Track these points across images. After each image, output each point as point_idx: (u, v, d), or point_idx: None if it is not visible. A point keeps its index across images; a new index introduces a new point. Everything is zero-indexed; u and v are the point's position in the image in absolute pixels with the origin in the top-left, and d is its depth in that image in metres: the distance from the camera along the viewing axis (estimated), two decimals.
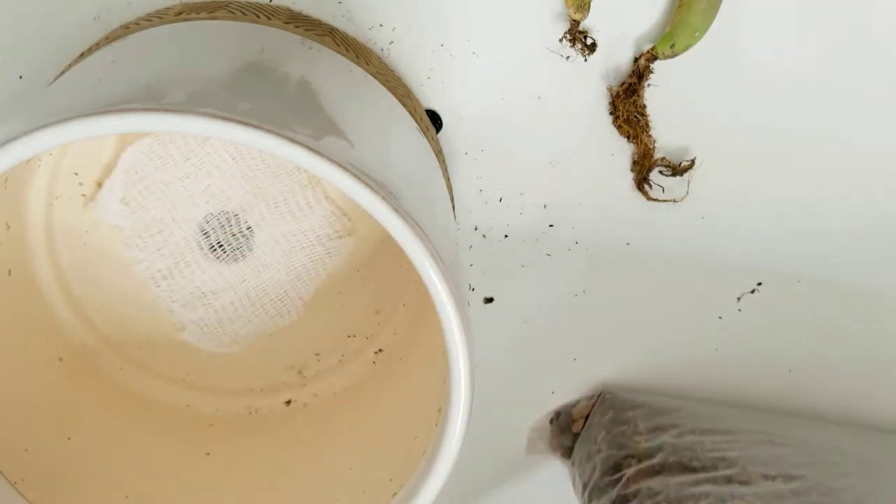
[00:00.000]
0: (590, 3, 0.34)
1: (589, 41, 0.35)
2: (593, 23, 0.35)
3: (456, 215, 0.38)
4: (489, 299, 0.40)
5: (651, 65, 0.36)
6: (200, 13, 0.32)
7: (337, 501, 0.32)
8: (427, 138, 0.34)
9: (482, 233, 0.39)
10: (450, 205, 0.36)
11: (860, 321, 0.40)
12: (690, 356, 0.41)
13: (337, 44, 0.33)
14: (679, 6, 0.35)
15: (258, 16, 0.32)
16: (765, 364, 0.41)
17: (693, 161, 0.37)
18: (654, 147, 0.37)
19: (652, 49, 0.35)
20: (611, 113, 0.37)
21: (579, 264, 0.39)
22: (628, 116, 0.36)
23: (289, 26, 0.33)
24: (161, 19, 0.32)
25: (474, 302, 0.40)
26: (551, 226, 0.39)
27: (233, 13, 0.32)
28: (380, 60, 0.36)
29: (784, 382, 0.41)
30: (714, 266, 0.39)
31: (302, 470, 0.35)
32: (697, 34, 0.35)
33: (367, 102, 0.32)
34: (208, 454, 0.36)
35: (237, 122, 0.23)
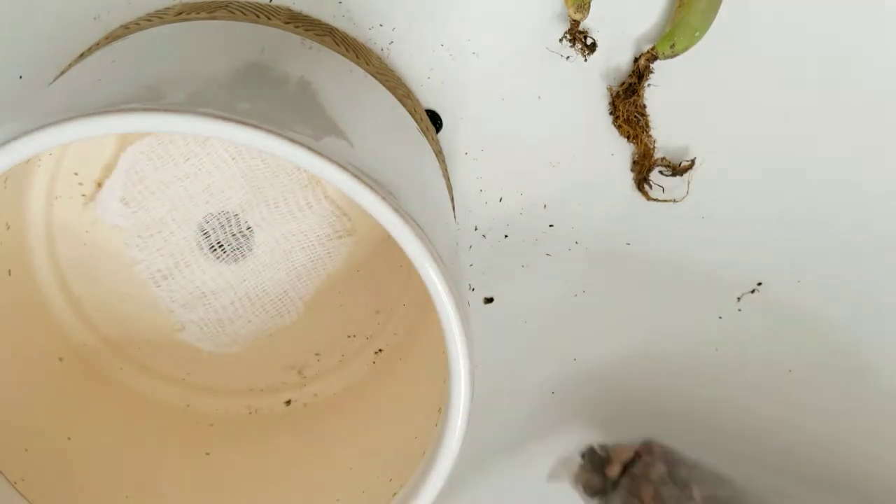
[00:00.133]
0: (590, 3, 0.34)
1: (589, 41, 0.35)
2: (593, 23, 0.35)
3: (456, 215, 0.38)
4: (489, 299, 0.40)
5: (651, 65, 0.36)
6: (200, 13, 0.32)
7: (337, 501, 0.32)
8: (427, 138, 0.34)
9: (482, 233, 0.39)
10: (450, 205, 0.36)
11: (860, 321, 0.40)
12: (690, 356, 0.41)
13: (337, 44, 0.33)
14: (679, 6, 0.35)
15: (258, 16, 0.32)
16: (765, 364, 0.41)
17: (693, 161, 0.37)
18: (654, 147, 0.37)
19: (652, 49, 0.35)
20: (611, 113, 0.37)
21: (579, 264, 0.39)
22: (628, 116, 0.36)
23: (289, 26, 0.33)
24: (161, 19, 0.32)
25: (474, 302, 0.40)
26: (551, 226, 0.39)
27: (233, 13, 0.32)
28: (380, 60, 0.36)
29: (784, 382, 0.41)
30: (714, 266, 0.39)
31: (302, 470, 0.35)
32: (697, 34, 0.35)
33: (367, 102, 0.32)
34: (208, 454, 0.36)
35: (237, 122, 0.23)
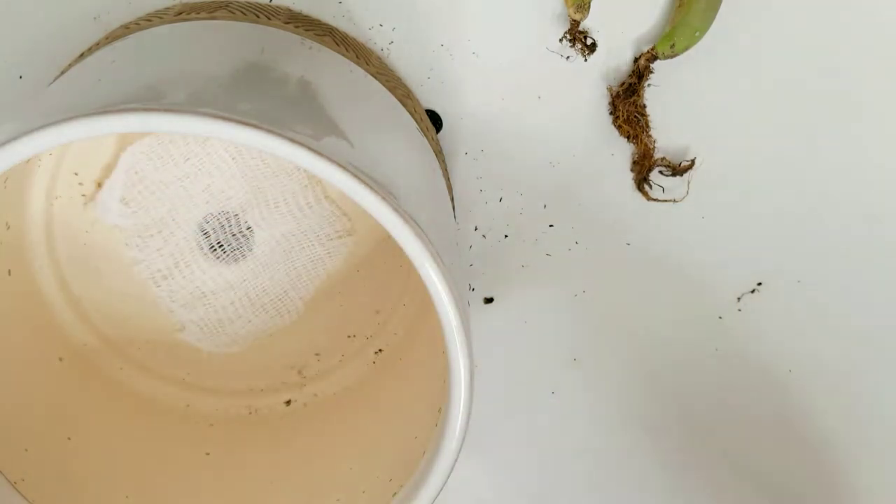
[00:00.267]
0: (590, 3, 0.34)
1: (589, 41, 0.35)
2: (593, 23, 0.35)
3: (456, 215, 0.38)
4: (489, 299, 0.40)
5: (651, 65, 0.36)
6: (200, 13, 0.32)
7: (337, 501, 0.32)
8: (427, 138, 0.34)
9: (482, 233, 0.39)
10: (450, 205, 0.36)
11: (860, 321, 0.40)
12: (690, 356, 0.41)
13: (337, 44, 0.33)
14: (679, 6, 0.35)
15: (258, 16, 0.32)
16: (765, 364, 0.41)
17: (693, 161, 0.37)
18: (654, 147, 0.37)
19: (652, 49, 0.35)
20: (611, 113, 0.37)
21: (579, 264, 0.39)
22: (628, 116, 0.36)
23: (289, 26, 0.33)
24: (161, 19, 0.32)
25: (474, 302, 0.40)
26: (551, 226, 0.39)
27: (233, 13, 0.32)
28: (380, 60, 0.36)
29: (784, 382, 0.41)
30: (714, 266, 0.39)
31: (302, 470, 0.35)
32: (697, 34, 0.35)
33: (367, 102, 0.32)
34: (208, 454, 0.36)
35: (237, 122, 0.23)
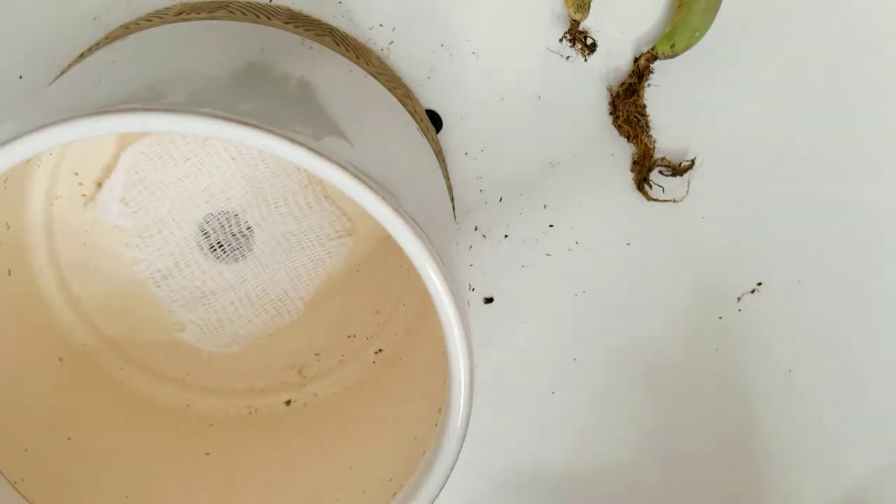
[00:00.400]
0: (590, 3, 0.34)
1: (589, 41, 0.35)
2: (593, 23, 0.35)
3: (456, 215, 0.38)
4: (489, 299, 0.40)
5: (651, 65, 0.36)
6: (200, 13, 0.32)
7: (337, 501, 0.32)
8: (427, 138, 0.34)
9: (482, 233, 0.39)
10: (450, 205, 0.36)
11: (860, 321, 0.40)
12: (690, 356, 0.41)
13: (337, 44, 0.33)
14: (679, 6, 0.35)
15: (258, 16, 0.32)
16: (765, 364, 0.41)
17: (693, 161, 0.37)
18: (654, 147, 0.37)
19: (652, 49, 0.35)
20: (611, 113, 0.37)
21: (579, 264, 0.39)
22: (628, 116, 0.36)
23: (289, 26, 0.33)
24: (161, 19, 0.32)
25: (474, 302, 0.40)
26: (551, 226, 0.39)
27: (233, 13, 0.32)
28: (380, 60, 0.36)
29: (784, 382, 0.41)
30: (714, 266, 0.39)
31: (302, 470, 0.35)
32: (697, 34, 0.35)
33: (367, 102, 0.32)
34: (208, 454, 0.36)
35: (237, 122, 0.23)
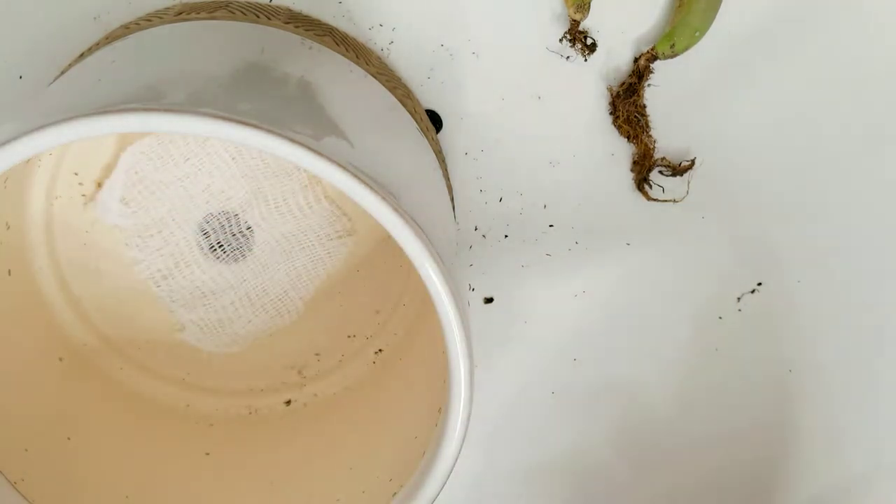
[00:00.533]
0: (590, 3, 0.34)
1: (589, 41, 0.35)
2: (593, 23, 0.35)
3: (456, 215, 0.38)
4: (489, 299, 0.40)
5: (651, 65, 0.36)
6: (200, 13, 0.32)
7: (337, 501, 0.32)
8: (427, 138, 0.34)
9: (482, 233, 0.39)
10: (450, 205, 0.36)
11: (860, 321, 0.40)
12: (690, 356, 0.41)
13: (337, 44, 0.33)
14: (679, 6, 0.35)
15: (258, 16, 0.32)
16: (765, 364, 0.41)
17: (693, 161, 0.37)
18: (654, 147, 0.37)
19: (652, 49, 0.35)
20: (611, 113, 0.37)
21: (579, 264, 0.39)
22: (628, 116, 0.36)
23: (289, 26, 0.33)
24: (161, 19, 0.32)
25: (474, 302, 0.40)
26: (551, 226, 0.39)
27: (233, 13, 0.32)
28: (380, 60, 0.36)
29: (784, 382, 0.41)
30: (714, 266, 0.39)
31: (302, 470, 0.35)
32: (697, 34, 0.35)
33: (367, 102, 0.32)
34: (208, 454, 0.36)
35: (237, 122, 0.23)
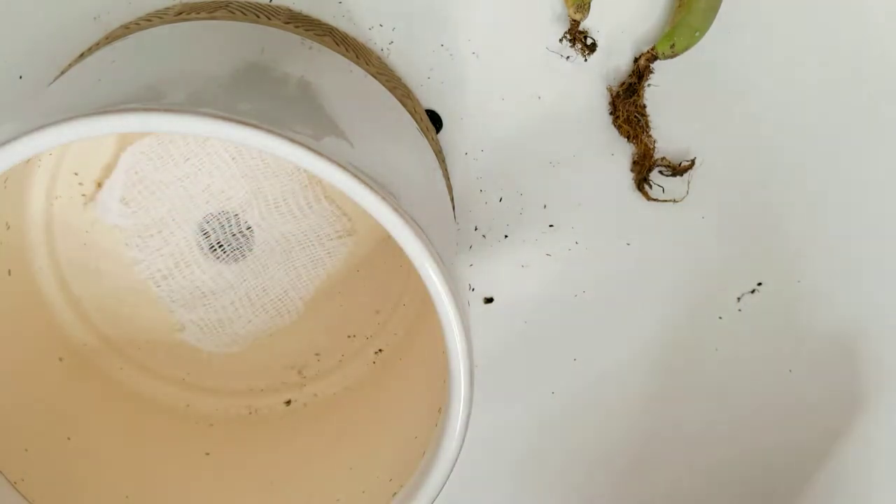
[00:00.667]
0: (590, 3, 0.34)
1: (589, 41, 0.35)
2: (593, 23, 0.35)
3: (456, 215, 0.38)
4: (489, 299, 0.40)
5: (651, 65, 0.36)
6: (200, 13, 0.32)
7: (337, 501, 0.32)
8: (427, 138, 0.34)
9: (482, 233, 0.39)
10: (450, 205, 0.36)
11: (860, 321, 0.40)
12: (690, 356, 0.41)
13: (337, 44, 0.33)
14: (679, 6, 0.35)
15: (258, 16, 0.32)
16: (765, 364, 0.41)
17: (693, 161, 0.37)
18: (654, 147, 0.37)
19: (652, 49, 0.35)
20: (611, 113, 0.37)
21: (579, 264, 0.39)
22: (628, 116, 0.36)
23: (289, 26, 0.33)
24: (161, 19, 0.32)
25: (474, 302, 0.40)
26: (551, 226, 0.39)
27: (233, 13, 0.32)
28: (380, 60, 0.36)
29: (784, 382, 0.41)
30: (714, 266, 0.39)
31: (302, 470, 0.35)
32: (697, 34, 0.35)
33: (367, 102, 0.32)
34: (208, 454, 0.36)
35: (237, 122, 0.23)
